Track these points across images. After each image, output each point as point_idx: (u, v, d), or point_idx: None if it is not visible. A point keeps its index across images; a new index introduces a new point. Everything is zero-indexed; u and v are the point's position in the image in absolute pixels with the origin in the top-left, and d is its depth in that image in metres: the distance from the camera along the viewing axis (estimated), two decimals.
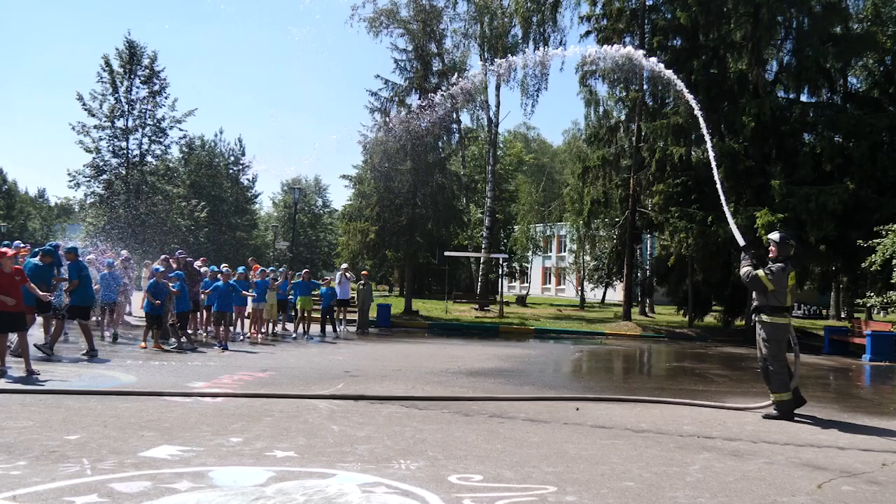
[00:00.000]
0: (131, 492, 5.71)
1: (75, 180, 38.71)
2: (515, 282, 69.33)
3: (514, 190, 58.93)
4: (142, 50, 38.77)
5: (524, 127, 65.62)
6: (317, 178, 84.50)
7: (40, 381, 10.93)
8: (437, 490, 6.02)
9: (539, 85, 37.98)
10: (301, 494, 5.75)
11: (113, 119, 38.27)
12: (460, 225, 38.09)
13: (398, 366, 14.87)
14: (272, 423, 8.56)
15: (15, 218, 70.59)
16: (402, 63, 32.26)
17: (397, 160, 31.60)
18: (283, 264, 45.59)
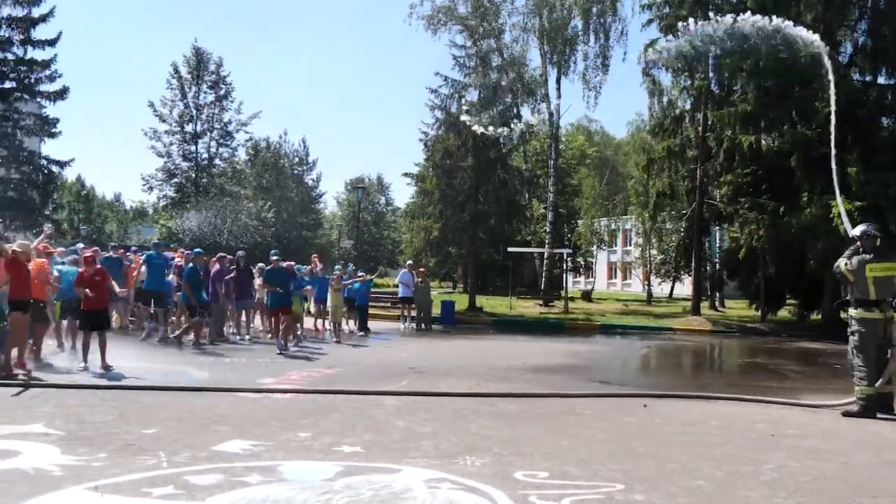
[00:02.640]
0: (205, 484, 5.86)
1: (148, 184, 39.78)
2: (580, 277, 68.73)
3: (578, 184, 58.40)
4: (208, 56, 39.61)
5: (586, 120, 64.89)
6: (379, 177, 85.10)
7: (118, 377, 11.27)
8: (502, 486, 6.01)
9: (601, 77, 37.59)
10: (368, 489, 5.82)
11: (182, 124, 39.18)
12: (523, 220, 37.88)
13: (462, 362, 14.88)
14: (339, 419, 8.66)
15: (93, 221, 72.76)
16: (461, 59, 32.23)
17: (459, 157, 31.60)
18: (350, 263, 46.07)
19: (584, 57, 37.20)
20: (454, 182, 31.91)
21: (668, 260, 49.65)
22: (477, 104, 31.79)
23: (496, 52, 33.49)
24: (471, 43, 32.28)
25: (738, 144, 27.52)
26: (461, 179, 31.79)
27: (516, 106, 34.99)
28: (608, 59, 37.15)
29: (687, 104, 32.32)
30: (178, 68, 39.01)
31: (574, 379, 13.22)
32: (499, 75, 32.67)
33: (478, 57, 31.83)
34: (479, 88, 31.84)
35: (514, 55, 34.76)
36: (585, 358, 17.01)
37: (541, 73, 37.60)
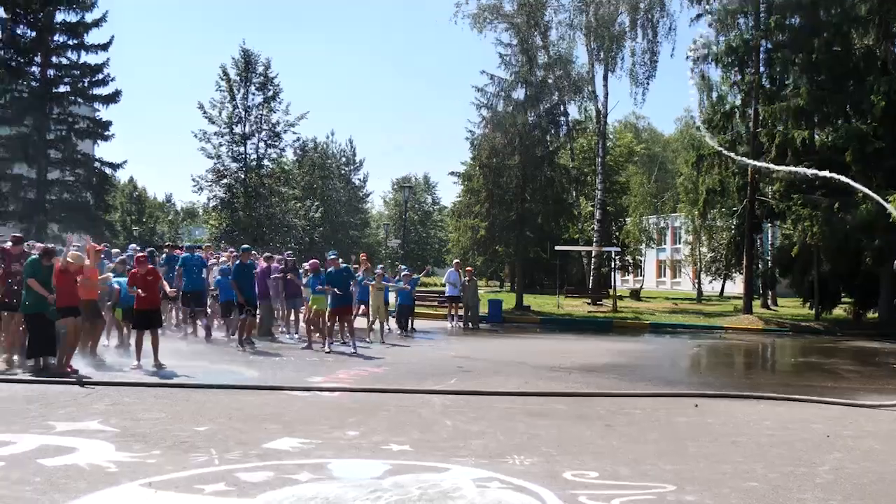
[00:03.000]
0: (255, 481, 5.93)
1: (198, 185, 40.30)
2: (629, 275, 68.09)
3: (626, 181, 57.87)
4: (256, 58, 40.01)
5: (634, 116, 64.20)
6: (426, 176, 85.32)
7: (170, 376, 11.47)
8: (551, 486, 5.98)
9: (649, 73, 37.16)
10: (416, 488, 5.83)
11: (231, 125, 39.61)
12: (570, 218, 37.64)
13: (510, 361, 14.85)
14: (388, 418, 8.70)
15: (145, 222, 74.23)
16: (507, 57, 32.07)
17: (505, 155, 31.49)
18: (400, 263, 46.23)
19: (631, 53, 36.88)
20: (501, 181, 31.79)
21: (718, 258, 48.97)
22: (523, 102, 31.64)
23: (542, 49, 33.29)
24: (517, 41, 32.12)
25: (791, 140, 26.96)
26: (508, 178, 31.65)
27: (563, 103, 34.73)
28: (656, 55, 36.77)
29: (737, 99, 31.79)
30: (227, 70, 39.51)
31: (623, 378, 13.10)
32: (545, 73, 32.46)
33: (524, 55, 31.65)
34: (525, 86, 31.67)
35: (561, 52, 34.46)
36: (634, 357, 16.84)
37: (587, 70, 37.31)
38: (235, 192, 39.47)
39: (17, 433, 7.35)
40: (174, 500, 5.50)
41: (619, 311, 31.59)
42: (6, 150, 30.55)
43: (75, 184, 32.27)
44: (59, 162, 31.82)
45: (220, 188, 39.93)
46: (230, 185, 39.68)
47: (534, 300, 33.93)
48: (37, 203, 30.81)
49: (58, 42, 31.57)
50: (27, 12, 30.95)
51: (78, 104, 32.56)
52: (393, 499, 5.57)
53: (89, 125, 32.54)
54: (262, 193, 39.63)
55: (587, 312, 31.10)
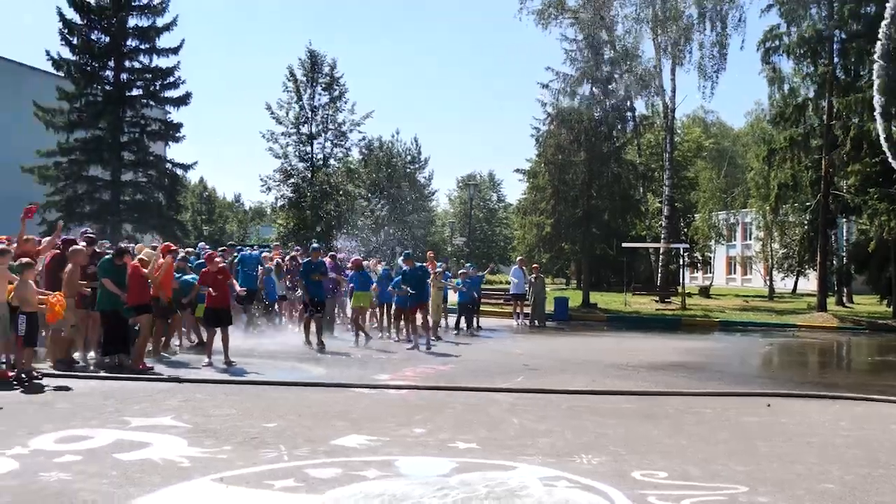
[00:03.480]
0: (324, 477, 5.99)
1: (266, 185, 40.94)
2: (697, 272, 66.94)
3: (694, 177, 56.87)
4: (322, 58, 40.45)
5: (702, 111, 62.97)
6: (491, 174, 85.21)
7: (240, 373, 11.68)
8: (620, 486, 5.91)
9: (718, 66, 36.38)
10: (483, 486, 5.81)
11: (298, 126, 40.11)
12: (638, 215, 37.15)
13: (577, 359, 14.73)
14: (454, 415, 8.71)
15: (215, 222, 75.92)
16: (573, 53, 31.82)
17: (571, 151, 31.24)
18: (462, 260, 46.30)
19: (699, 46, 36.10)
20: (567, 177, 31.56)
21: (791, 254, 47.82)
22: (589, 98, 31.34)
23: (608, 44, 32.91)
24: (582, 36, 31.82)
25: (867, 132, 26.15)
26: (574, 174, 31.41)
27: (630, 98, 34.30)
28: (725, 48, 35.93)
29: (810, 92, 30.93)
30: (294, 71, 40.06)
31: (692, 377, 12.89)
32: (611, 68, 32.09)
33: (589, 50, 31.35)
34: (591, 82, 31.37)
35: (627, 47, 34.06)
36: (704, 355, 16.54)
37: (655, 64, 36.73)
38: (302, 191, 39.97)
39: (94, 428, 7.58)
40: (245, 495, 5.59)
41: (688, 308, 31.05)
42: (82, 152, 31.48)
43: (148, 185, 33.09)
44: (132, 163, 32.65)
45: (288, 188, 40.49)
46: (297, 184, 40.21)
47: (600, 298, 33.61)
48: (111, 204, 31.69)
49: (130, 46, 32.39)
50: (101, 18, 31.85)
51: (150, 107, 33.38)
52: (460, 497, 5.56)
53: (161, 127, 33.33)
54: (328, 192, 40.08)
55: (655, 310, 30.67)
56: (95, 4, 31.76)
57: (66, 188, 31.25)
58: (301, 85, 39.85)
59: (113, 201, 31.82)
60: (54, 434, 7.26)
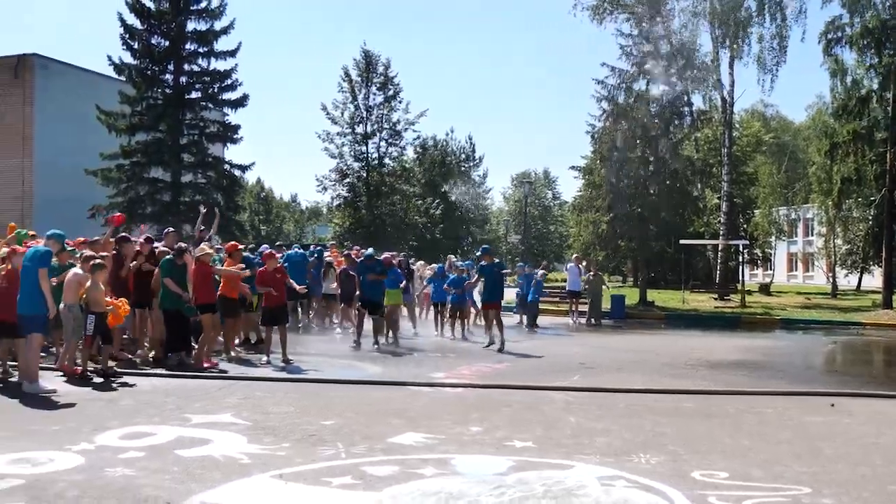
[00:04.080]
0: (381, 475, 6.02)
1: (322, 185, 41.42)
2: (757, 269, 65.63)
3: (753, 172, 55.72)
4: (376, 58, 40.75)
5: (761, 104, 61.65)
6: (546, 171, 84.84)
7: (298, 371, 11.81)
8: (679, 486, 5.82)
9: (778, 59, 35.60)
10: (540, 485, 5.78)
11: (353, 125, 40.51)
12: (696, 211, 36.65)
13: (634, 358, 14.57)
14: (510, 414, 8.68)
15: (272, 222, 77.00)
16: (628, 48, 31.49)
17: (627, 148, 30.93)
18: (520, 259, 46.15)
19: (758, 39, 35.37)
20: (623, 174, 31.26)
21: (854, 250, 46.64)
22: (645, 93, 30.98)
23: (664, 38, 32.46)
24: (638, 31, 31.45)
25: None
26: (630, 171, 31.10)
27: (687, 93, 33.79)
28: (785, 40, 35.14)
29: (874, 84, 30.09)
30: (349, 71, 40.44)
31: (753, 376, 12.65)
32: (668, 62, 31.66)
33: (645, 45, 30.97)
34: (647, 77, 31.00)
35: (684, 41, 33.55)
36: (765, 354, 16.19)
37: (712, 58, 36.12)
38: (358, 190, 40.35)
39: (156, 425, 7.74)
40: (303, 491, 5.65)
41: (748, 306, 30.47)
42: (143, 155, 32.17)
43: (207, 186, 33.65)
44: (192, 165, 33.25)
45: (343, 187, 40.93)
46: (353, 183, 40.60)
47: (658, 296, 33.21)
48: (171, 205, 32.32)
49: (189, 50, 32.97)
50: (161, 23, 32.50)
51: (208, 109, 33.96)
52: (517, 495, 5.54)
53: (219, 129, 33.87)
54: (383, 191, 40.36)
55: (714, 308, 30.17)
56: (155, 9, 32.42)
57: (128, 190, 31.97)
58: (356, 85, 40.23)
59: (173, 202, 32.45)
60: (119, 430, 7.44)
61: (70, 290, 10.62)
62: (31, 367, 9.55)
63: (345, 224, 40.60)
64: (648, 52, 30.88)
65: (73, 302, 10.59)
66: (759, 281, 54.71)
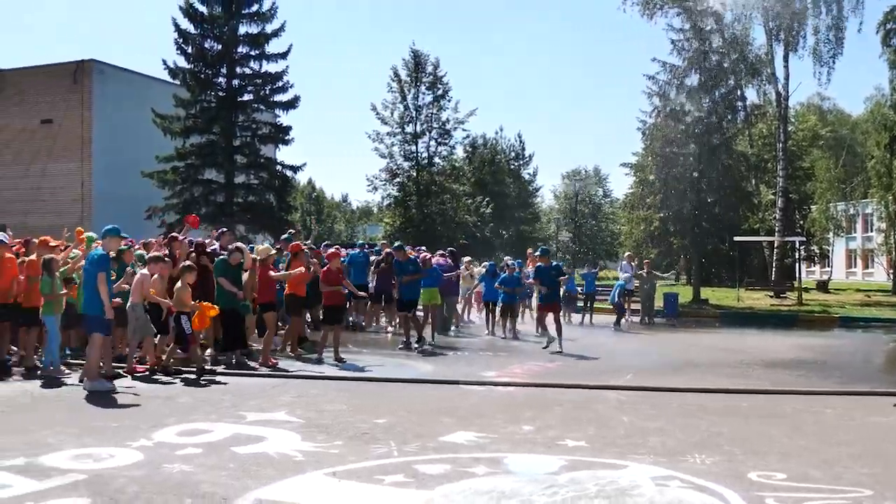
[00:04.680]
0: (433, 473, 6.04)
1: (373, 184, 41.68)
2: (815, 266, 64.31)
3: (810, 167, 54.58)
4: (425, 58, 40.84)
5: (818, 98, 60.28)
6: (596, 168, 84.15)
7: (351, 369, 11.90)
8: (735, 487, 5.72)
9: (834, 51, 34.82)
10: (593, 485, 5.74)
11: (403, 125, 40.67)
12: (750, 208, 36.03)
13: (688, 356, 14.39)
14: (562, 413, 8.64)
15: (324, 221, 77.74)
16: (679, 43, 31.11)
17: (679, 144, 30.55)
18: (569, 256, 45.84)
19: (814, 31, 34.69)
20: (675, 170, 30.93)
21: None
22: (697, 88, 30.57)
23: (717, 32, 31.97)
24: (689, 25, 31.02)
25: None
26: (682, 167, 30.75)
27: (740, 88, 33.28)
28: (842, 32, 34.39)
29: None
30: (398, 72, 40.61)
31: (811, 375, 12.41)
32: (720, 57, 31.19)
33: (697, 39, 30.55)
34: (699, 72, 30.58)
35: (736, 34, 33.03)
36: (823, 353, 15.85)
37: (766, 51, 35.51)
38: (408, 190, 40.48)
39: (213, 422, 7.87)
40: (356, 489, 5.69)
41: (805, 304, 29.88)
42: (197, 157, 32.72)
43: (259, 186, 34.07)
44: (245, 166, 33.69)
45: (394, 187, 41.12)
46: (403, 183, 40.76)
47: (712, 293, 32.76)
48: (225, 206, 32.79)
49: (241, 53, 33.41)
50: (213, 27, 33.00)
51: (260, 111, 34.38)
52: (569, 495, 5.51)
53: (271, 130, 34.27)
54: (433, 191, 40.44)
55: (770, 306, 29.65)
56: (208, 14, 32.92)
57: (183, 191, 32.52)
58: (405, 85, 40.35)
59: (227, 203, 32.92)
60: (176, 427, 7.58)
61: (135, 290, 10.95)
62: (92, 366, 9.80)
63: (395, 223, 40.78)
64: (700, 46, 30.44)
65: (137, 302, 10.91)
66: (816, 278, 53.54)
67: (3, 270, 11.04)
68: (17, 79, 36.01)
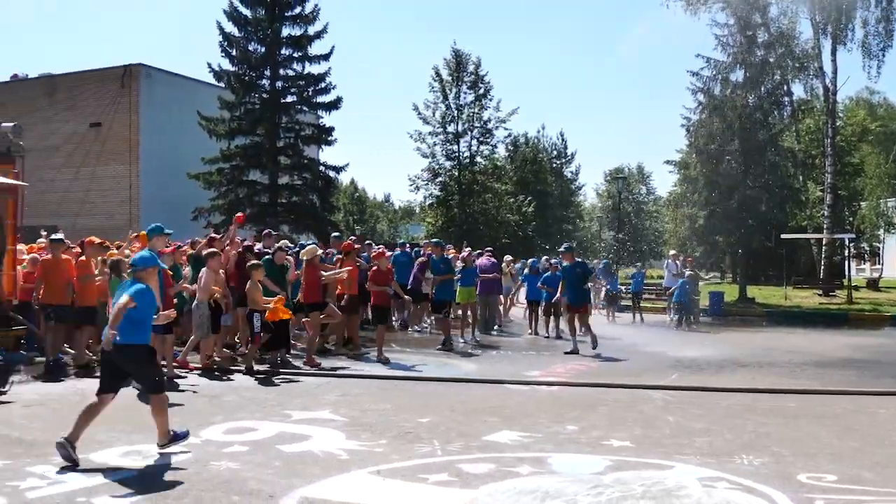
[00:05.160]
0: (477, 473, 6.04)
1: (415, 184, 41.75)
2: (865, 264, 62.96)
3: (859, 162, 53.44)
4: (466, 57, 40.80)
5: (867, 92, 58.95)
6: (639, 166, 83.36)
7: (394, 368, 11.95)
8: (784, 489, 5.64)
9: (884, 43, 34.03)
10: (639, 485, 5.70)
11: (444, 125, 40.67)
12: (798, 205, 35.45)
13: (734, 356, 14.18)
14: (606, 413, 8.59)
15: (366, 221, 78.05)
16: (724, 38, 30.67)
17: (724, 140, 30.16)
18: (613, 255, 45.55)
19: (862, 23, 33.95)
20: (720, 167, 30.55)
21: None
22: (743, 84, 30.14)
23: (762, 27, 31.46)
24: (734, 20, 30.58)
25: None
26: (728, 164, 30.35)
27: (786, 83, 32.71)
28: (892, 24, 33.60)
29: None
30: (439, 71, 40.62)
31: (862, 375, 12.15)
32: (765, 52, 30.69)
33: (742, 34, 30.10)
34: (744, 67, 30.14)
35: (783, 29, 32.46)
36: (874, 352, 15.50)
37: (813, 45, 34.86)
38: (450, 189, 40.50)
39: (258, 420, 7.97)
40: (400, 488, 5.72)
41: (855, 302, 29.26)
42: (242, 158, 33.08)
43: (303, 187, 34.33)
44: (288, 167, 33.98)
45: (436, 186, 41.15)
46: (445, 182, 40.78)
47: (758, 292, 32.27)
48: (269, 206, 33.12)
49: (284, 55, 33.70)
50: (257, 30, 33.35)
51: (303, 112, 34.64)
52: (615, 495, 5.47)
53: (314, 131, 34.51)
54: (475, 190, 40.41)
55: (818, 304, 29.12)
56: (252, 17, 33.27)
57: (228, 193, 32.89)
58: (447, 85, 40.35)
59: (271, 204, 33.24)
60: (223, 425, 7.69)
61: (202, 289, 11.24)
62: None
63: (437, 223, 40.80)
64: (745, 41, 30.00)
65: (203, 300, 11.20)
66: (866, 276, 52.46)
67: (59, 270, 11.28)
68: (68, 83, 36.73)
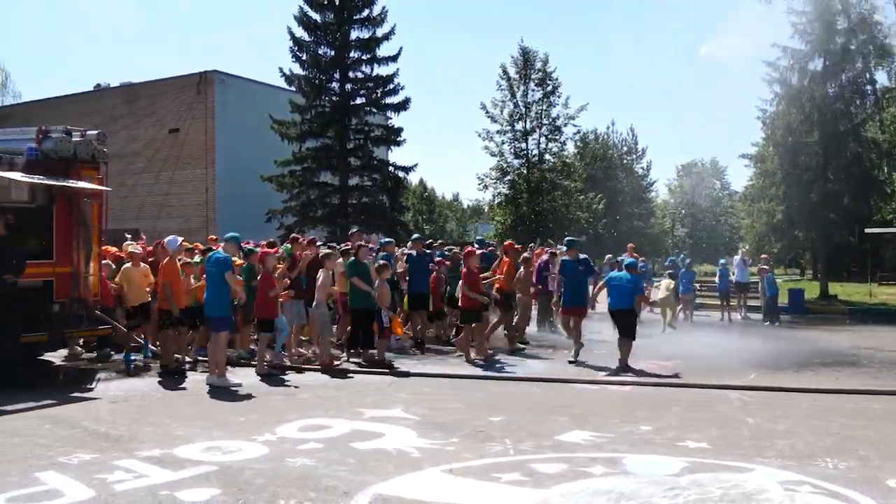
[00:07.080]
0: (549, 472, 5.98)
1: (483, 183, 41.66)
2: None
3: None
4: (534, 54, 40.52)
5: None
6: (713, 160, 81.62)
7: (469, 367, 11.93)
8: (872, 494, 5.43)
9: None
10: (717, 488, 5.55)
11: (512, 123, 40.46)
12: (882, 197, 34.15)
13: (815, 355, 13.74)
14: (680, 413, 8.42)
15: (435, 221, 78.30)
16: (801, 26, 29.77)
17: (802, 132, 29.30)
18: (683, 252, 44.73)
19: None
20: (798, 160, 29.67)
21: None
22: (822, 73, 29.24)
23: (842, 13, 30.44)
24: (812, 7, 29.66)
25: None
26: (807, 156, 29.47)
27: (868, 70, 31.58)
28: None
29: None
30: (507, 69, 40.44)
31: None
32: (846, 39, 29.70)
33: (820, 21, 29.18)
34: (823, 56, 29.22)
35: (864, 14, 31.35)
36: None
37: None
38: (518, 187, 40.31)
39: (332, 418, 8.05)
40: (473, 486, 5.69)
41: None
42: (313, 160, 33.54)
43: (373, 188, 34.63)
44: (358, 168, 34.30)
45: (504, 185, 41.00)
46: (513, 181, 40.61)
47: (841, 289, 31.27)
48: (340, 207, 33.50)
49: (353, 58, 34.03)
50: (326, 34, 33.77)
51: (373, 114, 34.94)
52: (692, 498, 5.35)
53: (383, 133, 34.77)
54: (544, 188, 40.15)
55: None
56: (321, 21, 33.70)
57: (300, 194, 33.39)
58: (514, 82, 40.16)
59: (342, 205, 33.63)
60: (297, 423, 7.79)
61: (320, 288, 11.73)
62: (219, 363, 10.21)
63: (506, 221, 40.66)
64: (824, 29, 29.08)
65: (321, 300, 11.69)
66: None
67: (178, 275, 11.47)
68: (147, 91, 37.89)
